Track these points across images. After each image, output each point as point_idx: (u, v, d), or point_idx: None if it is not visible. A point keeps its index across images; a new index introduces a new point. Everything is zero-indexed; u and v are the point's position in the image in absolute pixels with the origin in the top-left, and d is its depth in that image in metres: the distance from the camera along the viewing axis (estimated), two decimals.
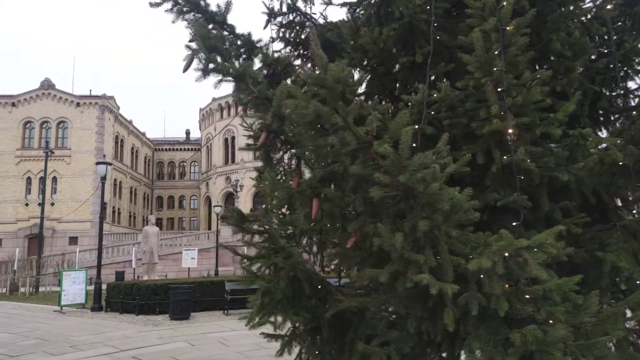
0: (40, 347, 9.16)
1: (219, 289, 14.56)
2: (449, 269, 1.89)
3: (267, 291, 2.53)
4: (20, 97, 45.89)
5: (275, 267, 2.66)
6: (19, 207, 44.27)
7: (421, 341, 2.45)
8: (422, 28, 2.81)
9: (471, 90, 2.56)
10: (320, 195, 2.08)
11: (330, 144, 1.84)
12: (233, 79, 2.22)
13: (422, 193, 1.74)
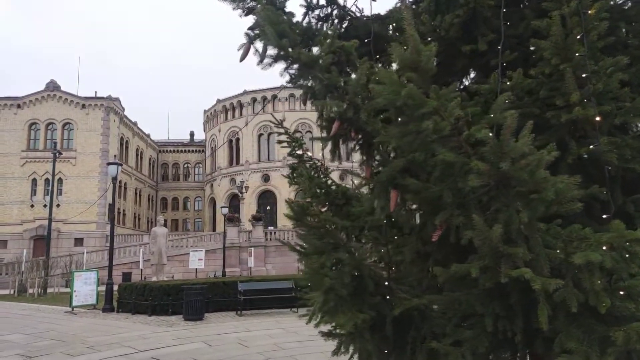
0: (56, 348, 9.07)
1: (230, 289, 14.46)
2: (544, 263, 1.79)
3: (331, 288, 2.42)
4: (25, 99, 45.98)
5: (337, 263, 2.56)
6: (25, 208, 44.32)
7: (494, 340, 2.34)
8: (485, 15, 2.72)
9: (542, 79, 2.46)
10: (399, 186, 1.98)
11: (418, 131, 1.74)
12: (303, 66, 2.13)
13: (525, 181, 1.64)
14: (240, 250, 35.24)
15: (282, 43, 2.10)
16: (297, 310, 13.97)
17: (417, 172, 2.01)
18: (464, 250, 2.33)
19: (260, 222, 36.41)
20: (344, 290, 2.41)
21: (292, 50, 2.12)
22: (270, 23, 2.11)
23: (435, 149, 1.78)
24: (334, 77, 2.13)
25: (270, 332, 10.56)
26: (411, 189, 1.92)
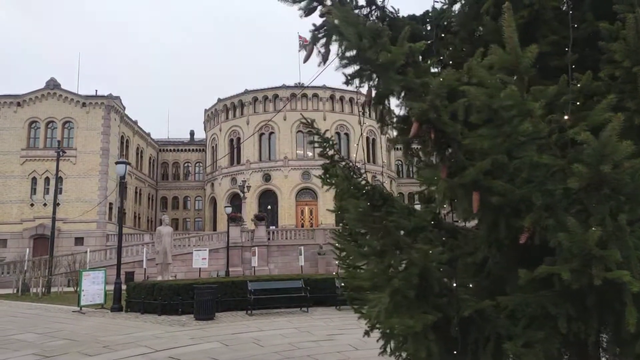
0: (71, 348, 9.05)
1: (239, 289, 14.45)
2: (636, 264, 1.79)
3: (398, 289, 2.42)
4: (25, 97, 45.80)
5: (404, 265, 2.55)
6: (24, 207, 44.16)
7: (565, 341, 2.35)
8: (547, 16, 2.72)
9: (608, 81, 2.46)
10: (481, 188, 1.98)
11: (510, 133, 1.75)
12: (379, 67, 2.12)
13: (626, 184, 1.65)
14: (243, 249, 35.23)
15: (362, 44, 2.09)
16: (307, 309, 14.00)
17: (498, 174, 2.01)
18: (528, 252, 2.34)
19: (262, 221, 36.41)
20: (411, 292, 2.41)
21: (370, 51, 2.12)
22: (350, 24, 2.10)
23: (525, 151, 1.78)
24: (412, 77, 2.12)
25: (283, 332, 10.56)
26: (497, 190, 1.92)
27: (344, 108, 56.02)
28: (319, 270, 33.52)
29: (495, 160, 1.97)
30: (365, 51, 2.10)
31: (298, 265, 34.84)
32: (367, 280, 2.82)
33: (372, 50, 2.14)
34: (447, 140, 2.08)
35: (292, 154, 53.58)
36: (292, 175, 53.11)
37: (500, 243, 2.27)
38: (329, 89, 55.19)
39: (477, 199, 2.00)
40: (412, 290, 2.42)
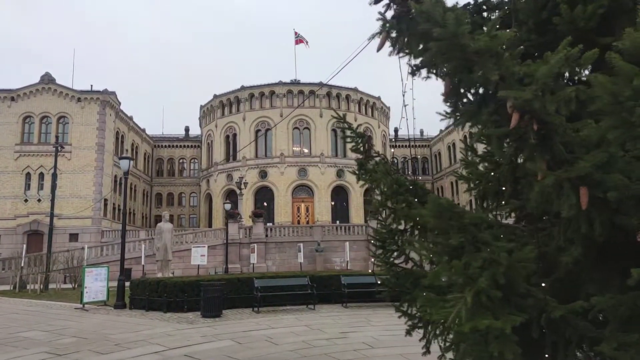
0: (83, 346, 8.88)
1: (245, 286, 14.33)
2: None
3: (482, 289, 2.31)
4: (20, 92, 45.18)
5: (484, 263, 2.44)
6: (18, 203, 43.61)
7: None
8: (629, 6, 2.64)
9: None
10: (590, 182, 1.89)
11: (633, 124, 1.66)
12: (474, 54, 2.02)
13: None
14: (241, 246, 35.04)
15: (461, 30, 1.99)
16: (314, 307, 13.91)
17: (607, 168, 1.92)
18: None
19: (260, 218, 36.23)
20: (497, 292, 2.31)
21: (467, 38, 2.01)
22: (445, 9, 2.00)
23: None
24: (510, 66, 2.02)
25: (294, 330, 10.46)
26: (613, 185, 1.83)
27: (341, 105, 55.85)
28: (316, 267, 33.46)
29: (610, 153, 1.88)
30: (459, 37, 2.00)
31: (296, 262, 34.75)
32: (435, 279, 2.70)
33: (469, 36, 2.04)
34: (548, 132, 1.98)
35: (289, 151, 53.39)
36: (288, 172, 52.95)
37: (592, 241, 2.17)
38: (326, 85, 54.92)
39: (585, 194, 1.91)
40: (498, 290, 2.32)
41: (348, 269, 32.25)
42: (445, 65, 2.32)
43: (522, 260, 2.26)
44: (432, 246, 2.87)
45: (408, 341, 8.84)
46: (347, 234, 36.48)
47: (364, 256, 35.28)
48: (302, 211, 53.83)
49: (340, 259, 35.33)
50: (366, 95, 57.90)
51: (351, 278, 14.77)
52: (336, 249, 35.84)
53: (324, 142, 54.06)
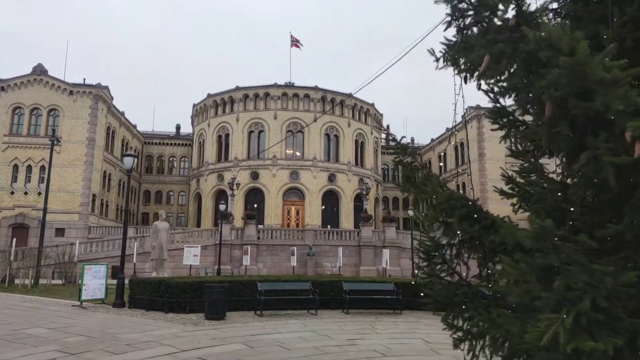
0: (93, 345, 8.80)
1: (247, 288, 14.32)
2: None
3: (583, 312, 2.38)
4: (10, 82, 44.42)
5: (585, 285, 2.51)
6: (4, 195, 42.81)
7: None
8: None
9: None
10: None
11: None
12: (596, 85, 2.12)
13: None
14: (232, 247, 34.87)
15: (591, 60, 2.10)
16: (315, 312, 13.95)
17: None
18: None
19: (253, 220, 36.14)
20: (599, 315, 2.39)
21: (594, 67, 2.12)
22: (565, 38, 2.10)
23: None
24: (633, 96, 2.13)
25: (302, 335, 10.49)
26: None
27: (335, 110, 56.03)
28: (307, 272, 33.46)
29: None
30: (586, 66, 2.11)
31: (287, 265, 34.71)
32: (523, 297, 2.76)
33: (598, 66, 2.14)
34: None
35: (281, 153, 53.35)
36: (280, 174, 52.91)
37: None
38: (321, 90, 55.26)
39: None
40: (600, 313, 2.39)
41: (340, 274, 32.34)
42: (557, 92, 2.40)
43: (625, 284, 2.36)
44: (520, 265, 2.89)
45: (419, 351, 9.02)
46: (338, 239, 36.57)
47: (355, 262, 35.43)
48: (292, 214, 53.80)
49: (331, 263, 35.41)
50: (360, 102, 58.19)
51: (353, 284, 14.86)
52: (327, 253, 35.90)
53: (317, 146, 54.16)
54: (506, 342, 3.29)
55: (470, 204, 4.30)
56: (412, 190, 4.80)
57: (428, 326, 12.09)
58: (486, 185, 50.38)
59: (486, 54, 2.69)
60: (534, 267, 2.72)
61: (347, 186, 55.07)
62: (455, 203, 4.23)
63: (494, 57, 2.70)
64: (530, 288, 2.67)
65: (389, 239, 35.85)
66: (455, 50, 4.34)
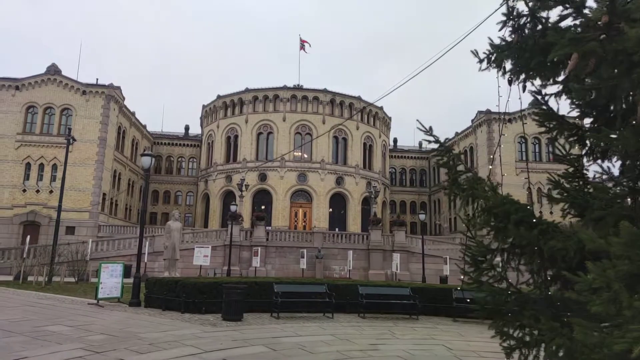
0: (117, 344, 8.85)
1: (263, 290, 14.34)
2: None
3: None
4: (24, 81, 44.85)
5: None
6: (16, 192, 43.16)
7: None
8: None
9: None
10: None
11: None
12: None
13: None
14: (241, 248, 34.92)
15: None
16: (332, 315, 13.95)
17: None
18: None
19: (262, 221, 36.18)
20: None
21: None
22: None
23: None
24: None
25: (322, 338, 10.48)
26: None
27: (344, 113, 56.11)
28: (316, 274, 33.46)
29: None
30: None
31: (295, 267, 34.72)
32: (607, 307, 2.68)
33: None
34: None
35: (290, 155, 53.42)
36: (288, 176, 53.00)
37: None
38: (330, 92, 55.36)
39: None
40: None
41: (349, 277, 32.30)
42: None
43: None
44: (608, 272, 2.83)
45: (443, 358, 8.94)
46: (347, 242, 36.53)
47: (364, 265, 35.38)
48: (299, 216, 53.84)
49: (340, 266, 35.38)
50: (369, 105, 58.12)
51: (369, 288, 14.85)
52: (335, 256, 35.87)
53: (325, 149, 54.21)
54: (569, 352, 3.23)
55: (526, 209, 4.28)
56: (460, 194, 4.78)
57: (446, 332, 12.06)
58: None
59: (570, 52, 2.68)
60: (620, 274, 2.68)
61: (354, 189, 55.06)
62: (510, 207, 4.21)
63: (583, 55, 2.70)
64: (615, 297, 2.64)
65: (398, 243, 35.76)
66: (507, 51, 4.35)
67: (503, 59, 4.63)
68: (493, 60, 4.96)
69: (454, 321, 14.25)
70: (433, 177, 68.16)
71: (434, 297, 15.40)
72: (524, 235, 3.97)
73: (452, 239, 50.49)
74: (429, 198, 68.16)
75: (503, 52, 4.49)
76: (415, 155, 70.35)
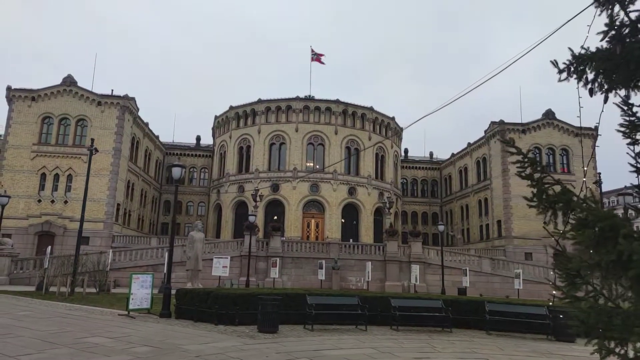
0: (163, 356, 8.78)
1: (293, 301, 14.23)
2: None
3: None
4: (40, 92, 45.37)
5: None
6: (32, 203, 43.44)
7: None
8: None
9: None
10: None
11: None
12: None
13: None
14: (257, 259, 34.80)
15: None
16: (365, 327, 13.80)
17: None
18: None
19: (278, 231, 36.09)
20: None
21: None
22: None
23: None
24: None
25: (364, 352, 10.33)
26: None
27: (356, 123, 56.23)
28: (332, 285, 33.25)
29: None
30: None
31: (311, 278, 34.51)
32: None
33: None
34: None
35: (302, 166, 53.53)
36: (300, 186, 52.99)
37: None
38: (342, 103, 55.50)
39: None
40: None
41: (366, 289, 32.07)
42: None
43: None
44: None
45: None
46: (363, 253, 36.31)
47: (380, 277, 35.09)
48: (312, 227, 53.71)
49: (356, 278, 35.13)
50: (381, 115, 58.35)
51: (401, 301, 14.70)
52: (352, 267, 35.64)
53: (337, 159, 54.20)
54: None
55: (630, 223, 4.21)
56: (545, 204, 4.70)
57: (485, 346, 11.89)
58: (509, 202, 49.97)
59: None
60: None
61: (367, 200, 54.92)
62: (618, 220, 4.15)
63: None
64: None
65: (414, 254, 35.51)
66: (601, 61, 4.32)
67: (594, 69, 4.59)
68: (573, 71, 4.94)
69: (488, 334, 14.06)
70: (444, 188, 67.87)
71: (464, 309, 15.21)
72: (636, 250, 3.88)
73: (466, 250, 50.13)
74: (440, 209, 67.82)
75: (595, 61, 4.45)
76: (426, 166, 70.22)
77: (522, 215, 49.33)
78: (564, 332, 13.17)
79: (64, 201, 43.92)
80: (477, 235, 56.96)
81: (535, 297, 32.52)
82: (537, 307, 14.64)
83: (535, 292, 32.85)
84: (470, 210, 59.59)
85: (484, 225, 55.54)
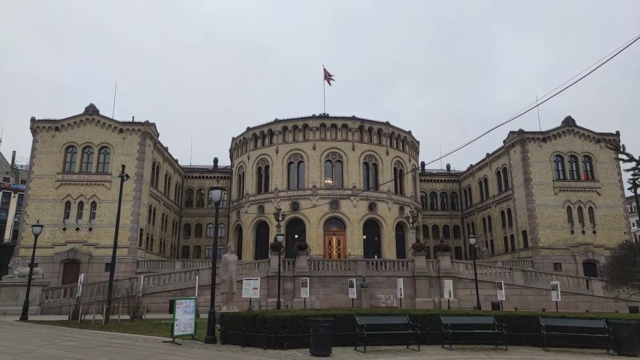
0: None
1: (342, 323, 13.90)
2: None
3: None
4: (64, 122, 46.18)
5: None
6: (57, 231, 43.82)
7: None
8: None
9: None
10: None
11: None
12: None
13: None
14: (284, 279, 34.45)
15: None
16: (418, 347, 13.40)
17: None
18: None
19: (304, 250, 35.76)
20: None
21: None
22: None
23: None
24: None
25: None
26: None
27: (372, 139, 56.16)
28: (362, 304, 32.72)
29: None
30: None
31: (340, 297, 34.04)
32: None
33: None
34: None
35: (321, 183, 53.44)
36: (320, 204, 52.76)
37: None
38: (359, 120, 55.56)
39: None
40: None
41: (398, 307, 31.47)
42: None
43: None
44: None
45: None
46: (391, 270, 35.77)
47: (410, 293, 34.42)
48: (333, 244, 53.30)
49: (385, 295, 34.55)
50: (397, 130, 58.27)
51: (452, 318, 14.28)
52: (380, 284, 35.10)
53: (356, 175, 54.05)
54: None
55: None
56: None
57: None
58: (534, 211, 49.13)
59: None
60: None
61: (387, 215, 54.44)
62: None
63: None
64: None
65: (444, 268, 34.89)
66: None
67: None
68: None
69: (545, 350, 13.53)
70: (464, 200, 67.10)
71: (515, 325, 14.72)
72: None
73: (493, 262, 49.20)
74: (461, 221, 66.95)
75: None
76: (444, 179, 69.62)
77: (548, 224, 48.47)
78: (627, 346, 12.64)
79: (88, 228, 44.24)
80: (502, 246, 55.96)
81: (572, 308, 31.61)
82: (593, 320, 14.09)
83: (572, 304, 31.96)
84: (493, 221, 58.70)
85: (509, 237, 54.58)
